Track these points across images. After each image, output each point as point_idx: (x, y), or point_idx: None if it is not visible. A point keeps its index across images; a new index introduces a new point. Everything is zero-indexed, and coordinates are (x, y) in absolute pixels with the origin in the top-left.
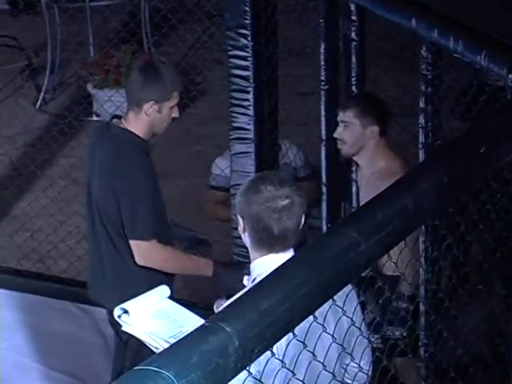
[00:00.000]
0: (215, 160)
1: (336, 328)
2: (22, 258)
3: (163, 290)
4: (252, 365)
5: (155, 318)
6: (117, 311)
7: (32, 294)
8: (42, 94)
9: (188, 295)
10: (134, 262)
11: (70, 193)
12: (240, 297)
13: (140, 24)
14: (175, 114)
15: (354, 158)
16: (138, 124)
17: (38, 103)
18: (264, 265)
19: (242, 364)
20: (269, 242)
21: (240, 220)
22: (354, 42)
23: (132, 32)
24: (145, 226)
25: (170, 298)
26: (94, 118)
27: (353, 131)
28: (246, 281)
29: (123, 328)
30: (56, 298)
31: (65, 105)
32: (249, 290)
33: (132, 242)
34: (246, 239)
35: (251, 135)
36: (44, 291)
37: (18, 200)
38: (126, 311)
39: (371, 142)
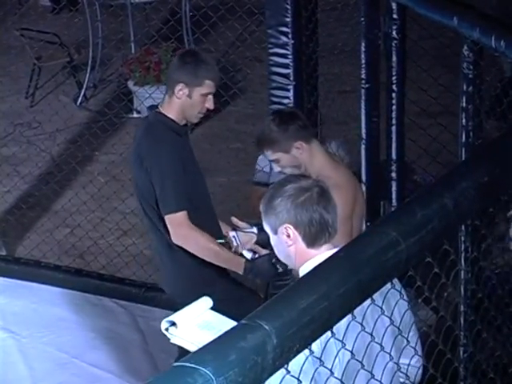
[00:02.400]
0: (259, 156)
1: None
2: (62, 254)
3: (206, 301)
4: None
5: (202, 329)
6: (164, 324)
7: (71, 290)
8: (83, 90)
9: None
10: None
11: (110, 189)
12: (279, 295)
13: (181, 21)
14: (209, 104)
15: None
16: (170, 107)
17: (79, 100)
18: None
19: (280, 362)
20: (325, 230)
21: (287, 230)
22: (395, 41)
23: (173, 29)
24: (172, 200)
25: (212, 308)
26: (135, 115)
27: (284, 161)
28: None
29: (171, 340)
30: (95, 294)
31: (105, 101)
32: (288, 289)
33: (165, 219)
34: (298, 245)
35: None
36: (83, 287)
37: (59, 196)
38: (173, 323)
39: (303, 155)
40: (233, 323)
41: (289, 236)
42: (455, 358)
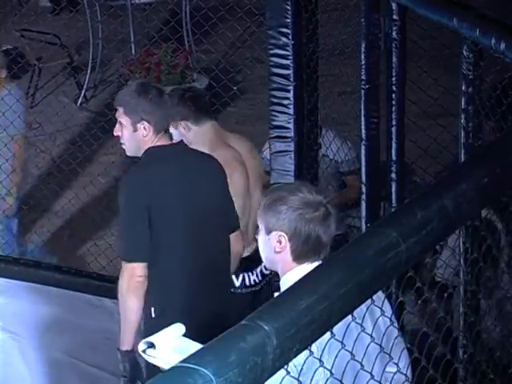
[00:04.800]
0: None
1: (374, 330)
2: (63, 255)
3: (179, 327)
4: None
5: (177, 352)
6: (141, 346)
7: (72, 291)
8: (83, 91)
9: None
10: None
11: (108, 190)
12: (279, 296)
13: (181, 22)
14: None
15: None
16: None
17: (79, 101)
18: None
19: (280, 363)
20: (316, 251)
21: (281, 238)
22: (395, 41)
23: (173, 30)
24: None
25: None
26: None
27: (175, 135)
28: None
29: (149, 360)
30: (95, 295)
31: (106, 102)
32: (288, 289)
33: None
34: (285, 254)
35: (291, 134)
36: (83, 288)
37: (59, 197)
38: (151, 345)
39: (190, 135)
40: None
41: (279, 243)
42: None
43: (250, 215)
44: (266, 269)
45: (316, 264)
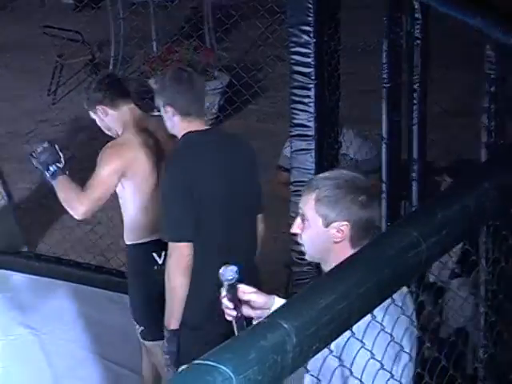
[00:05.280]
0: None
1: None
2: (83, 251)
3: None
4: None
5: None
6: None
7: (92, 287)
8: None
9: None
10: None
11: None
12: (298, 294)
13: (203, 20)
14: None
15: None
16: None
17: None
18: None
19: (299, 361)
20: (370, 234)
21: (342, 227)
22: (418, 40)
23: (195, 28)
24: None
25: None
26: (155, 113)
27: (97, 120)
28: None
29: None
30: (115, 291)
31: None
32: (307, 288)
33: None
34: (344, 243)
35: (312, 132)
36: (104, 284)
37: None
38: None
39: (107, 119)
40: None
41: (340, 233)
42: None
43: None
44: None
45: None
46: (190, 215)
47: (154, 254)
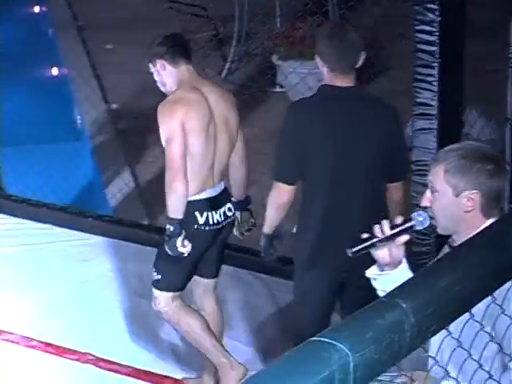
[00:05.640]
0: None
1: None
2: None
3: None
4: None
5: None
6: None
7: None
8: (228, 63)
9: None
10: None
11: (251, 163)
12: (417, 274)
13: None
14: None
15: None
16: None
17: (224, 73)
18: None
19: (417, 341)
20: (499, 206)
21: (472, 196)
22: None
23: (319, 4)
24: None
25: None
26: (278, 89)
27: (154, 74)
28: None
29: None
30: (233, 266)
31: (249, 75)
32: (427, 268)
33: None
34: (475, 213)
35: (434, 111)
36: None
37: None
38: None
39: (164, 74)
40: None
41: (470, 202)
42: None
43: (216, 157)
44: (230, 210)
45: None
46: (293, 160)
47: (197, 213)
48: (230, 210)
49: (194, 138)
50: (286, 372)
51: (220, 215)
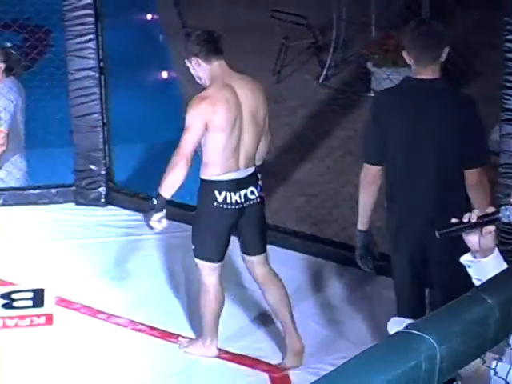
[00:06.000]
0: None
1: None
2: (298, 221)
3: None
4: None
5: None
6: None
7: (305, 254)
8: (325, 69)
9: None
10: None
11: (345, 163)
12: (503, 271)
13: (421, 6)
14: None
15: None
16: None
17: (321, 78)
18: None
19: (501, 336)
20: None
21: None
22: None
23: (413, 14)
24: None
25: None
26: (372, 94)
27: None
28: None
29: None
30: (326, 260)
31: (345, 80)
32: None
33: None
34: None
35: None
36: (317, 253)
37: (298, 167)
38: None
39: (198, 70)
40: None
41: None
42: None
43: (242, 146)
44: (252, 193)
45: None
46: (376, 144)
47: (216, 192)
48: (252, 193)
49: (217, 133)
50: (377, 360)
51: (240, 196)
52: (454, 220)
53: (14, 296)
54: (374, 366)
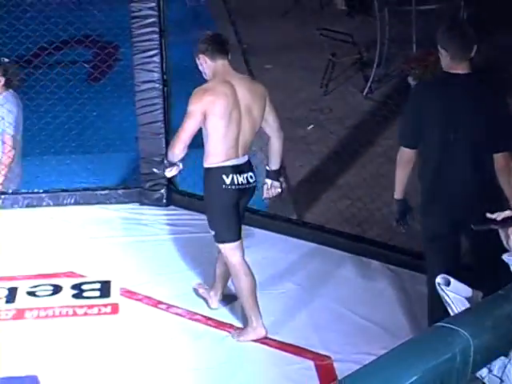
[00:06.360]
0: None
1: None
2: (343, 222)
3: (468, 291)
4: None
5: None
6: (439, 279)
7: (350, 254)
8: (369, 83)
9: None
10: None
11: (386, 169)
12: None
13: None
14: None
15: None
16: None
17: (365, 91)
18: None
19: None
20: None
21: None
22: None
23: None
24: None
25: None
26: None
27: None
28: None
29: (440, 292)
30: (369, 258)
31: (387, 93)
32: None
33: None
34: None
35: None
36: (360, 252)
37: (343, 172)
38: (447, 282)
39: (204, 66)
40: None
41: None
42: None
43: (240, 136)
44: (251, 177)
45: None
46: (412, 129)
47: (224, 176)
48: (251, 177)
49: (215, 121)
50: (415, 351)
51: (244, 178)
52: (488, 215)
53: (83, 287)
54: (412, 357)
